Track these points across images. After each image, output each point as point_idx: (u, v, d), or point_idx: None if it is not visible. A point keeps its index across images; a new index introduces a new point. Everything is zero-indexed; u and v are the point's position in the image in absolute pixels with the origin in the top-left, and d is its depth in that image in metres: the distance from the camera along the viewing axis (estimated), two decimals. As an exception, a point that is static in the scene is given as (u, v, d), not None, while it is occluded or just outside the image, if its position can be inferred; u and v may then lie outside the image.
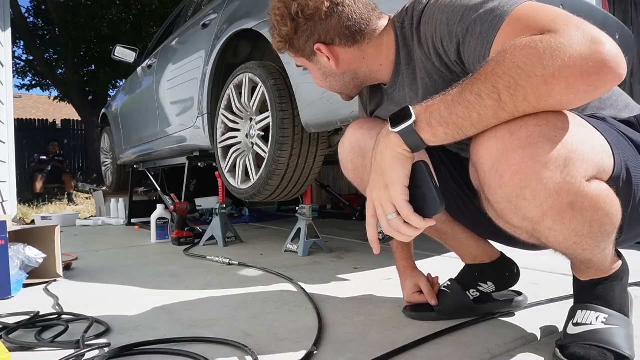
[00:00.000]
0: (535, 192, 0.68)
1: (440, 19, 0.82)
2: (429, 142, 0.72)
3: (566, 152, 0.67)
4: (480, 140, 0.71)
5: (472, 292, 1.11)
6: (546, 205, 0.69)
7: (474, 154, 0.74)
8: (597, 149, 0.72)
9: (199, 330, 1.07)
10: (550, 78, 0.62)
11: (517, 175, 0.68)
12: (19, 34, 10.13)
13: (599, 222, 0.72)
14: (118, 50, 3.81)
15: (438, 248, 1.57)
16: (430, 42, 0.86)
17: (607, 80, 0.62)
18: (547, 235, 0.74)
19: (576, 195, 0.69)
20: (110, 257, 2.20)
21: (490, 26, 0.74)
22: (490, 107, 0.66)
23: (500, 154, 0.69)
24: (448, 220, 1.10)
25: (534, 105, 0.65)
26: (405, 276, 1.18)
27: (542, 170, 0.67)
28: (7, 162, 3.83)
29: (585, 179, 0.69)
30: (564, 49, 0.62)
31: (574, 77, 0.61)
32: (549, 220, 0.71)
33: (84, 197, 8.59)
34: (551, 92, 0.63)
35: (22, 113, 15.05)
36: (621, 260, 0.88)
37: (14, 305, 1.33)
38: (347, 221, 3.49)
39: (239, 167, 2.18)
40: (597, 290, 0.85)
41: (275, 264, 1.84)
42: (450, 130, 0.70)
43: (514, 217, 0.73)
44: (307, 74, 1.75)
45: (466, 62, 0.81)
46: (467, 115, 0.68)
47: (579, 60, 0.61)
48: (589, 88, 0.62)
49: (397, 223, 0.75)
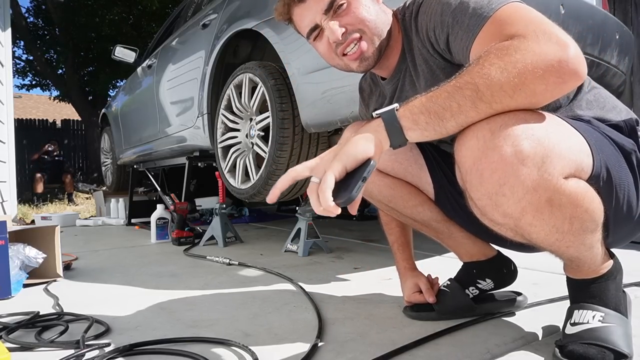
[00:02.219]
0: (513, 188, 0.70)
1: (435, 9, 0.88)
2: (408, 129, 0.73)
3: (543, 150, 0.69)
4: (462, 140, 0.74)
5: (472, 290, 1.12)
6: (524, 201, 0.71)
7: (457, 153, 0.76)
8: (575, 148, 0.74)
9: (199, 330, 1.07)
10: (522, 70, 0.68)
11: (496, 172, 0.70)
12: (19, 34, 10.13)
13: (579, 218, 0.74)
14: (118, 50, 3.81)
15: (438, 248, 1.57)
16: (424, 30, 0.91)
17: (570, 75, 0.68)
18: (529, 231, 0.76)
19: (553, 192, 0.71)
20: (110, 257, 2.20)
21: (477, 21, 0.79)
22: (468, 96, 0.70)
23: (481, 152, 0.71)
24: (444, 219, 1.11)
25: (510, 95, 0.69)
26: (406, 277, 1.19)
27: (519, 167, 0.69)
28: (7, 162, 3.83)
29: (562, 176, 0.71)
30: (532, 49, 0.69)
31: (542, 70, 0.67)
32: (528, 216, 0.73)
33: (84, 197, 8.60)
34: (524, 81, 0.68)
35: (22, 113, 15.05)
36: (613, 260, 0.89)
37: (14, 305, 1.33)
38: (347, 221, 3.48)
39: (239, 167, 2.18)
40: (591, 289, 0.86)
41: (275, 264, 1.84)
42: (431, 119, 0.72)
43: (495, 214, 0.75)
44: (307, 74, 1.75)
45: (453, 51, 0.86)
46: (448, 105, 0.71)
47: (547, 57, 0.68)
48: (558, 80, 0.68)
49: (313, 188, 0.72)
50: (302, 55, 1.77)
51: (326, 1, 0.92)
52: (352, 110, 1.58)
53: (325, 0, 0.92)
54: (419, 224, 1.14)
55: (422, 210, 1.10)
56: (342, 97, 1.62)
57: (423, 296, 1.12)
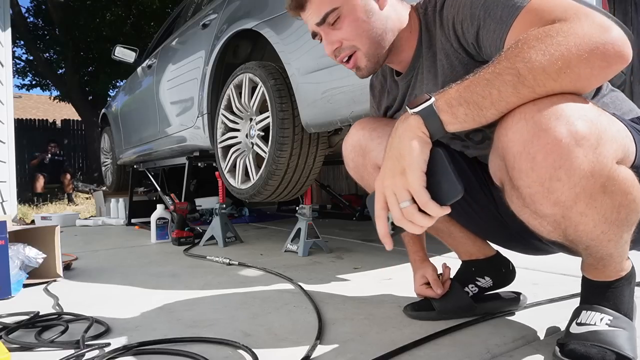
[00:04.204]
0: (570, 172, 0.66)
1: (464, 2, 0.85)
2: (448, 124, 0.71)
3: (597, 132, 0.66)
4: (507, 123, 0.70)
5: (471, 288, 1.12)
6: (579, 186, 0.67)
7: (500, 139, 0.72)
8: (622, 133, 0.72)
9: (199, 330, 1.07)
10: (566, 52, 0.65)
11: (551, 155, 0.66)
12: (19, 34, 10.13)
13: (626, 207, 0.71)
14: (118, 50, 3.81)
15: (438, 248, 1.57)
16: (451, 23, 0.88)
17: (616, 57, 0.65)
18: (577, 222, 0.72)
19: (607, 177, 0.67)
20: (110, 257, 2.20)
21: (511, 11, 0.77)
22: (509, 82, 0.67)
23: (532, 134, 0.67)
24: (444, 219, 1.10)
25: (554, 78, 0.66)
26: (415, 268, 1.19)
27: (575, 148, 0.65)
28: (7, 162, 3.83)
29: (615, 160, 0.68)
30: (574, 32, 0.66)
31: (588, 52, 0.64)
32: (581, 203, 0.69)
33: (84, 197, 8.59)
34: (569, 64, 0.65)
35: (22, 113, 15.03)
36: (630, 262, 0.87)
37: (14, 305, 1.33)
38: (347, 221, 3.49)
39: (239, 167, 2.17)
40: (607, 293, 0.84)
41: (275, 264, 1.84)
42: (470, 110, 0.69)
43: (545, 202, 0.71)
44: (307, 74, 1.75)
45: (483, 45, 0.83)
46: (487, 93, 0.68)
47: (590, 40, 0.65)
48: (603, 64, 0.65)
49: (412, 211, 0.72)
50: (302, 55, 1.77)
51: (320, 15, 0.94)
52: (352, 110, 1.58)
53: (318, 14, 0.94)
54: None
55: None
56: (342, 97, 1.62)
57: (431, 290, 1.12)
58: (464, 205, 1.05)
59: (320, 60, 1.67)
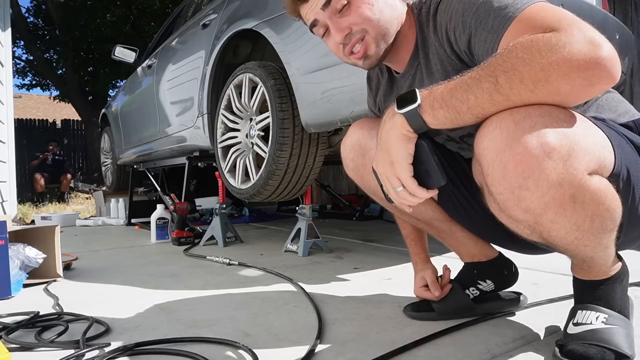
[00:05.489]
0: (538, 182, 0.68)
1: (457, 9, 0.85)
2: (430, 124, 0.76)
3: (569, 144, 0.68)
4: (484, 131, 0.72)
5: (472, 291, 1.11)
6: (548, 196, 0.69)
7: (477, 145, 0.74)
8: (599, 144, 0.73)
9: (199, 330, 1.07)
10: (547, 65, 0.65)
11: (521, 165, 0.68)
12: (19, 34, 10.13)
13: (600, 216, 0.72)
14: (118, 50, 3.81)
15: (438, 248, 1.57)
16: (444, 29, 0.88)
17: (601, 77, 0.65)
18: (549, 228, 0.74)
19: (577, 188, 0.69)
20: (110, 257, 2.20)
21: (502, 21, 0.76)
22: (486, 89, 0.69)
23: (505, 144, 0.69)
24: (446, 219, 1.11)
25: (531, 89, 0.67)
26: (416, 270, 1.19)
27: (545, 160, 0.67)
28: (7, 162, 3.83)
29: (587, 172, 0.69)
30: (563, 45, 0.65)
31: (570, 69, 0.64)
32: (550, 212, 0.71)
33: (84, 197, 8.59)
34: (548, 78, 0.65)
35: (22, 113, 15.04)
36: (621, 262, 0.88)
37: (14, 305, 1.33)
38: (347, 221, 3.48)
39: (239, 167, 2.18)
40: (598, 291, 0.85)
41: (275, 264, 1.84)
42: (449, 113, 0.72)
43: (516, 209, 0.73)
44: (307, 74, 1.75)
45: (475, 53, 0.83)
46: (465, 98, 0.70)
47: (577, 56, 0.64)
48: (585, 82, 0.65)
49: (404, 194, 0.81)
50: (302, 55, 1.77)
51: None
52: (352, 110, 1.58)
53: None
54: (422, 223, 1.14)
55: (424, 210, 1.10)
56: (342, 97, 1.62)
57: (430, 292, 1.12)
58: (466, 207, 1.05)
59: (321, 60, 1.67)
